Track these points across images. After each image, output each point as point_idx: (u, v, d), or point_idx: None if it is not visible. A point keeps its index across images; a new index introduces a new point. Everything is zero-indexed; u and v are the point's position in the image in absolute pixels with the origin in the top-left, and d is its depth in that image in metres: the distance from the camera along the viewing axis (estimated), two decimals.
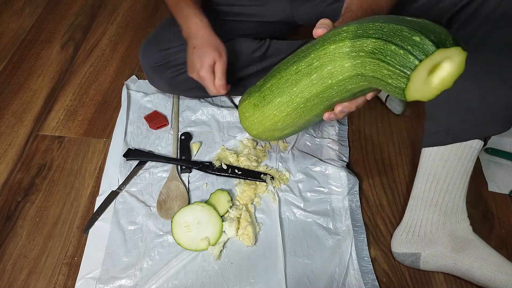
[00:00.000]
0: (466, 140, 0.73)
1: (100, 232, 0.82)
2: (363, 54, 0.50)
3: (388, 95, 1.01)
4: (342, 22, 0.63)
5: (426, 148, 0.77)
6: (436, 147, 0.75)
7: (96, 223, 0.84)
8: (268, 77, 0.69)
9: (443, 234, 0.75)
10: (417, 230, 0.76)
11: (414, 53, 0.45)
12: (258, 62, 0.98)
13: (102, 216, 0.85)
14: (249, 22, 0.97)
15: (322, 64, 0.57)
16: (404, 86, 0.47)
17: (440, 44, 0.45)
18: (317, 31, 0.59)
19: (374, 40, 0.49)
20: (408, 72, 0.46)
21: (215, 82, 0.83)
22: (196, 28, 0.83)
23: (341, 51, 0.53)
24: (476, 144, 0.73)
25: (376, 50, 0.49)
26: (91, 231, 0.83)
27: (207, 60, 0.81)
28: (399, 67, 0.47)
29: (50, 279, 0.78)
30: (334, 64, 0.55)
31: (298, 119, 0.68)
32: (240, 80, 0.98)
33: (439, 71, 0.47)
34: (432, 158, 0.75)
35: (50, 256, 0.81)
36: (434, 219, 0.75)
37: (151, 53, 0.92)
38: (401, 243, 0.78)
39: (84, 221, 0.85)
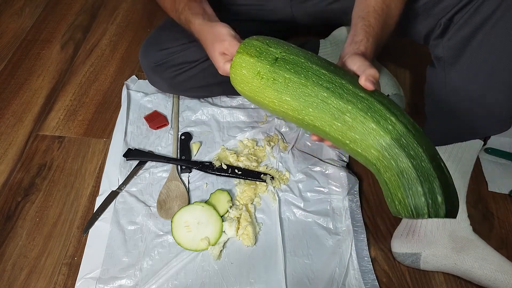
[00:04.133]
0: (466, 140, 0.73)
1: (100, 232, 0.82)
2: (393, 164, 0.53)
3: (388, 95, 1.01)
4: (365, 40, 0.64)
5: None
6: (436, 147, 0.75)
7: (96, 223, 0.84)
8: (291, 65, 0.60)
9: (443, 234, 0.75)
10: (417, 230, 0.76)
11: (430, 210, 0.50)
12: None
13: (102, 216, 0.85)
14: (249, 21, 0.97)
15: (352, 126, 0.55)
16: (400, 213, 0.53)
17: (449, 215, 0.50)
18: (367, 85, 0.56)
19: (409, 164, 0.52)
20: (414, 216, 0.51)
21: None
22: (199, 31, 0.76)
23: (377, 138, 0.54)
24: (476, 144, 0.73)
25: (406, 174, 0.52)
26: (91, 231, 0.83)
27: (213, 55, 0.72)
28: (411, 205, 0.51)
29: (50, 279, 0.78)
30: (362, 139, 0.55)
31: (289, 120, 0.65)
32: None
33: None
34: None
35: (50, 256, 0.81)
36: (434, 219, 0.75)
37: (151, 53, 0.92)
38: (401, 243, 0.78)
39: (84, 221, 0.85)
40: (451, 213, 0.51)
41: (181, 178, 0.90)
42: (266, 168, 0.91)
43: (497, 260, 0.71)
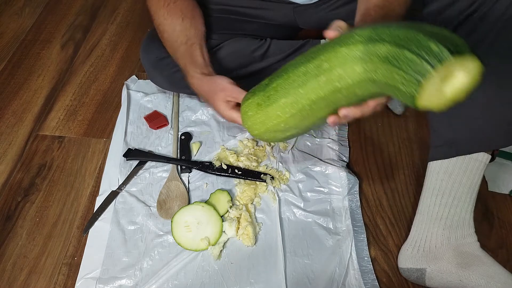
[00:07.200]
0: (470, 153, 0.70)
1: (100, 232, 0.82)
2: (376, 59, 0.50)
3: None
4: (359, 21, 0.63)
5: (431, 162, 0.75)
6: (440, 160, 0.73)
7: (96, 223, 0.84)
8: (274, 76, 0.66)
9: (448, 249, 0.72)
10: (423, 245, 0.75)
11: (430, 61, 0.44)
12: (259, 61, 0.98)
13: (102, 216, 0.85)
14: (252, 22, 0.97)
15: (332, 66, 0.55)
16: (416, 94, 0.46)
17: (456, 53, 0.44)
18: (330, 33, 0.56)
19: (388, 46, 0.48)
20: (421, 79, 0.45)
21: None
22: (198, 84, 0.81)
23: (353, 54, 0.52)
24: (482, 157, 0.70)
25: (390, 55, 0.48)
26: (91, 231, 0.83)
27: (217, 104, 0.78)
28: (412, 74, 0.46)
29: (50, 279, 0.78)
30: (344, 67, 0.53)
31: (302, 121, 0.66)
32: (241, 79, 0.98)
33: (453, 82, 0.46)
34: (437, 171, 0.73)
35: (50, 256, 0.81)
36: (438, 233, 0.73)
37: (152, 48, 0.92)
38: (407, 258, 0.76)
39: (84, 221, 0.85)
40: (459, 49, 0.44)
41: (181, 178, 0.90)
42: (266, 168, 0.91)
43: (505, 278, 0.68)
